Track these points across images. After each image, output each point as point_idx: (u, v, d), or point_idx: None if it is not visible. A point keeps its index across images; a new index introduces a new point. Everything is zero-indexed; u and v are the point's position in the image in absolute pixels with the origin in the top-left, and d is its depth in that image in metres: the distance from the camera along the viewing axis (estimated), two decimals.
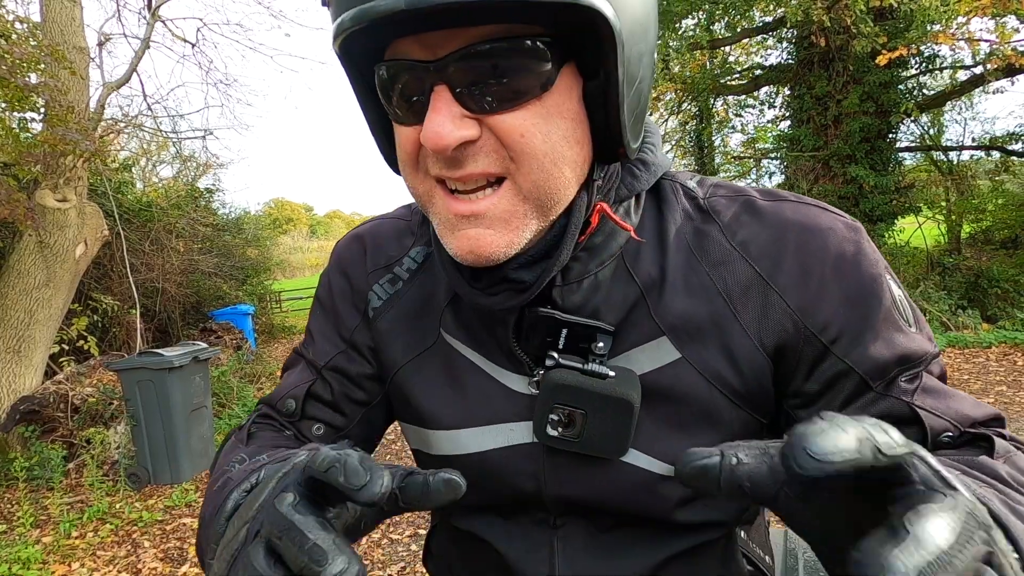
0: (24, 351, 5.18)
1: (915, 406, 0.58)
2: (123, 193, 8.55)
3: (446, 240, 0.57)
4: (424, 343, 0.72)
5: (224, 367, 6.92)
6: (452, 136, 0.50)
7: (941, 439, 0.59)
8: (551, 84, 0.52)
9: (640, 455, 0.63)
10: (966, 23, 7.35)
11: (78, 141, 4.59)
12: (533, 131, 0.52)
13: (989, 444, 0.56)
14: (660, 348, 0.63)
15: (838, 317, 0.59)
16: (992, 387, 5.64)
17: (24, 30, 4.90)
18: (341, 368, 0.76)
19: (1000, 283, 8.58)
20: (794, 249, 0.60)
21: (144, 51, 7.26)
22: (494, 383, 0.68)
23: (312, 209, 69.78)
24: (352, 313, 0.76)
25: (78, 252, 5.55)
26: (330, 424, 0.76)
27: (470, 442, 0.69)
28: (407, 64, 0.52)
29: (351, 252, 0.78)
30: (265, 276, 12.97)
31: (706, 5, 9.27)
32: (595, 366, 0.61)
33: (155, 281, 8.42)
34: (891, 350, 0.59)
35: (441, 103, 0.51)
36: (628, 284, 0.64)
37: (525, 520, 0.70)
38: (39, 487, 4.52)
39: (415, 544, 3.53)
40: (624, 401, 0.60)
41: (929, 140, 11.21)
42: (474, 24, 0.49)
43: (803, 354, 0.60)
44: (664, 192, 0.67)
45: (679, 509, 0.65)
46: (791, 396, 0.63)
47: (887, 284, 0.60)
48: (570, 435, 0.62)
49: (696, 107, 12.30)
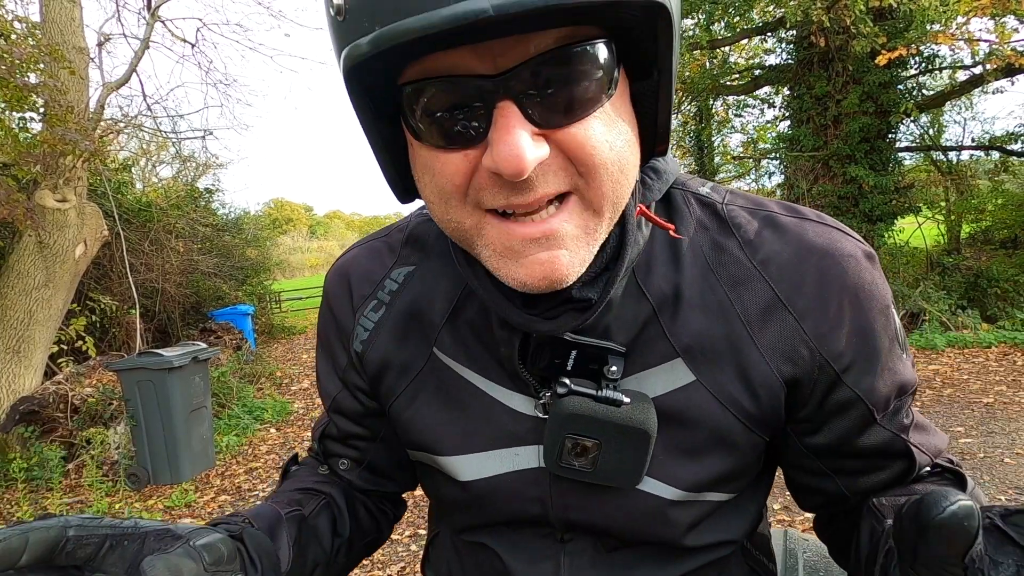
0: (24, 351, 5.18)
1: (911, 444, 0.63)
2: (123, 193, 8.55)
3: (508, 270, 0.52)
4: (416, 365, 0.69)
5: (224, 367, 6.92)
6: (532, 156, 0.45)
7: (921, 472, 0.64)
8: (615, 86, 0.49)
9: (652, 481, 0.62)
10: (966, 23, 7.35)
11: (77, 141, 4.58)
12: (602, 141, 0.48)
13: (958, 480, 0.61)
14: (674, 371, 0.60)
15: (851, 347, 0.58)
16: (992, 387, 5.64)
17: (23, 30, 4.90)
18: (342, 408, 0.77)
19: (1000, 283, 8.57)
20: (815, 274, 0.58)
21: (144, 51, 7.26)
22: (497, 405, 0.65)
23: (312, 209, 69.82)
24: (342, 353, 0.75)
25: (78, 252, 5.54)
26: (350, 458, 0.79)
27: (475, 468, 0.66)
28: (460, 80, 0.46)
29: (336, 288, 0.75)
30: (265, 276, 12.98)
31: (706, 5, 9.26)
32: (609, 392, 0.58)
33: (155, 281, 8.41)
34: (893, 380, 0.60)
35: (514, 121, 0.45)
36: (639, 301, 0.60)
37: (532, 534, 0.68)
38: (39, 487, 4.52)
39: (415, 544, 3.53)
40: (640, 431, 0.57)
41: (929, 140, 11.21)
42: (537, 29, 0.45)
43: (817, 382, 0.59)
44: (675, 202, 0.64)
45: (689, 532, 0.64)
46: (800, 421, 0.62)
47: (892, 315, 0.61)
48: (583, 465, 0.59)
49: (696, 107, 12.30)
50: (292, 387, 7.91)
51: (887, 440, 0.62)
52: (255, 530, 0.61)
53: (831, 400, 0.60)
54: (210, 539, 0.52)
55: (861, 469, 0.64)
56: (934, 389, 5.70)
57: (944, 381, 5.93)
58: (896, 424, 0.62)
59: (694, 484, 0.62)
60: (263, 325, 12.05)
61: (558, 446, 0.59)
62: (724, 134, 13.92)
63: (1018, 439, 4.40)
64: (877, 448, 0.62)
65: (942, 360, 6.67)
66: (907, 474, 0.64)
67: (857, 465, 0.64)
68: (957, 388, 5.70)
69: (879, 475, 0.64)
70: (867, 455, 0.63)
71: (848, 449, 0.62)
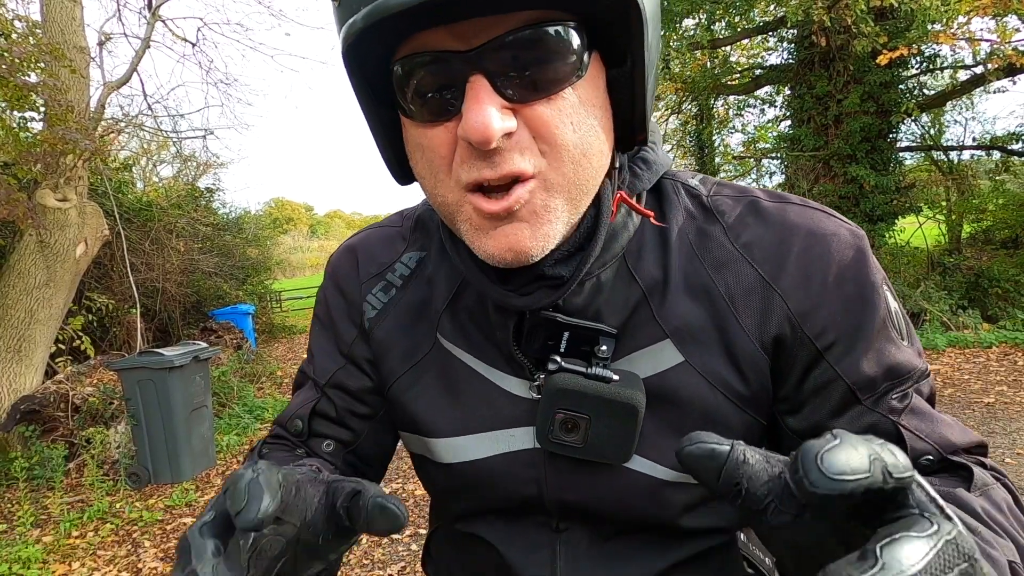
0: (24, 351, 5.18)
1: (901, 425, 0.58)
2: (123, 193, 8.55)
3: (480, 243, 0.55)
4: (420, 350, 0.71)
5: (224, 367, 6.93)
6: (498, 125, 0.48)
7: (920, 462, 0.59)
8: (584, 70, 0.51)
9: (643, 460, 0.63)
10: (967, 23, 7.34)
11: (78, 140, 4.59)
12: (566, 122, 0.51)
13: (967, 474, 0.55)
14: (663, 351, 0.62)
15: (834, 324, 0.59)
16: (992, 387, 5.64)
17: (23, 28, 4.90)
18: (342, 384, 0.76)
19: (1000, 283, 8.57)
20: (798, 253, 0.60)
21: (144, 51, 7.26)
22: (494, 388, 0.67)
23: (312, 209, 69.90)
24: (349, 327, 0.75)
25: (78, 252, 5.55)
26: (338, 439, 0.76)
27: (470, 450, 0.68)
28: (437, 55, 0.50)
29: (344, 265, 0.77)
30: (265, 276, 12.99)
31: (707, 5, 9.26)
32: (598, 370, 0.60)
33: (155, 281, 8.42)
34: (881, 363, 0.59)
35: (483, 93, 0.49)
36: (630, 285, 0.63)
37: (527, 523, 0.69)
38: (39, 487, 4.52)
39: (415, 544, 3.53)
40: (628, 405, 0.59)
41: (930, 140, 11.20)
42: (508, 11, 0.48)
43: (797, 358, 0.60)
44: (665, 191, 0.66)
45: (684, 515, 0.64)
46: (781, 400, 0.63)
47: (884, 295, 0.60)
48: (574, 440, 0.61)
49: (696, 107, 12.30)
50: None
51: (873, 423, 0.59)
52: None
53: (812, 378, 0.60)
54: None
55: None
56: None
57: (945, 381, 5.93)
58: (884, 406, 0.59)
59: None
60: (264, 324, 12.06)
61: (549, 421, 0.61)
62: (725, 134, 13.93)
63: (1019, 439, 4.40)
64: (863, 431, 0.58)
65: (943, 360, 6.67)
66: None
67: None
68: (958, 388, 5.70)
69: None
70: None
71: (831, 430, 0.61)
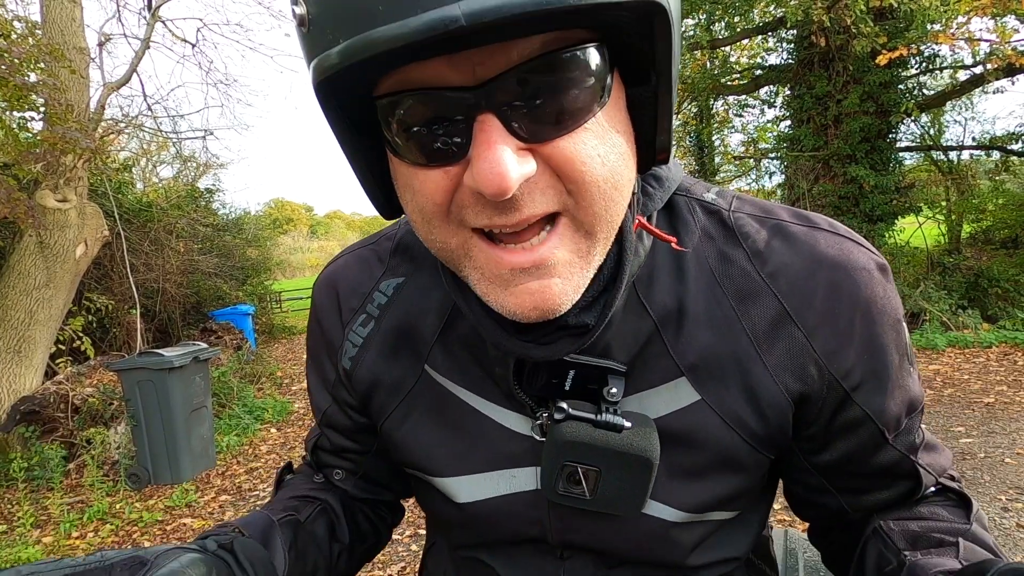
0: (24, 351, 5.18)
1: (919, 464, 0.62)
2: (123, 193, 8.55)
3: (497, 298, 0.48)
4: (407, 383, 0.67)
5: (224, 367, 6.92)
6: (516, 174, 0.41)
7: (926, 493, 0.64)
8: (608, 94, 0.45)
9: (654, 504, 0.59)
10: (966, 23, 7.34)
11: (78, 140, 4.58)
12: (593, 156, 0.44)
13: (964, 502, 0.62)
14: (678, 390, 0.58)
15: (861, 364, 0.56)
16: (992, 387, 5.64)
17: (23, 29, 4.90)
18: (332, 422, 0.75)
19: (1000, 283, 8.57)
20: (825, 288, 0.56)
21: (144, 51, 7.26)
22: (493, 425, 0.63)
23: (312, 209, 69.88)
24: (331, 367, 0.72)
25: (78, 252, 5.55)
26: (344, 469, 0.78)
27: (470, 490, 0.64)
28: (436, 93, 0.43)
29: (324, 299, 0.72)
30: (265, 276, 12.98)
31: (706, 5, 9.26)
32: (609, 416, 0.55)
33: (155, 281, 8.42)
34: (904, 398, 0.59)
35: (496, 136, 0.42)
36: (641, 317, 0.57)
37: (531, 551, 0.67)
38: (39, 487, 4.52)
39: (415, 544, 3.53)
40: (643, 459, 0.55)
41: (929, 140, 11.20)
42: (524, 36, 0.41)
43: (825, 401, 0.57)
44: (679, 211, 0.61)
45: (692, 553, 0.62)
46: (806, 440, 0.61)
47: (903, 330, 0.59)
48: (581, 493, 0.57)
49: (696, 107, 12.30)
50: (293, 387, 7.92)
51: (895, 460, 0.60)
52: (246, 538, 0.60)
53: (840, 419, 0.58)
54: (176, 564, 0.50)
55: (865, 488, 0.63)
56: (934, 389, 5.70)
57: (944, 381, 5.93)
58: (906, 444, 0.60)
59: (697, 505, 0.60)
60: (263, 325, 12.06)
61: (556, 473, 0.57)
62: (724, 134, 13.92)
63: (1019, 439, 4.40)
64: (884, 468, 0.61)
65: (943, 360, 6.67)
66: (912, 494, 0.63)
67: (862, 484, 0.63)
68: (958, 388, 5.70)
69: (883, 493, 0.63)
70: (873, 474, 0.62)
71: (854, 468, 0.61)
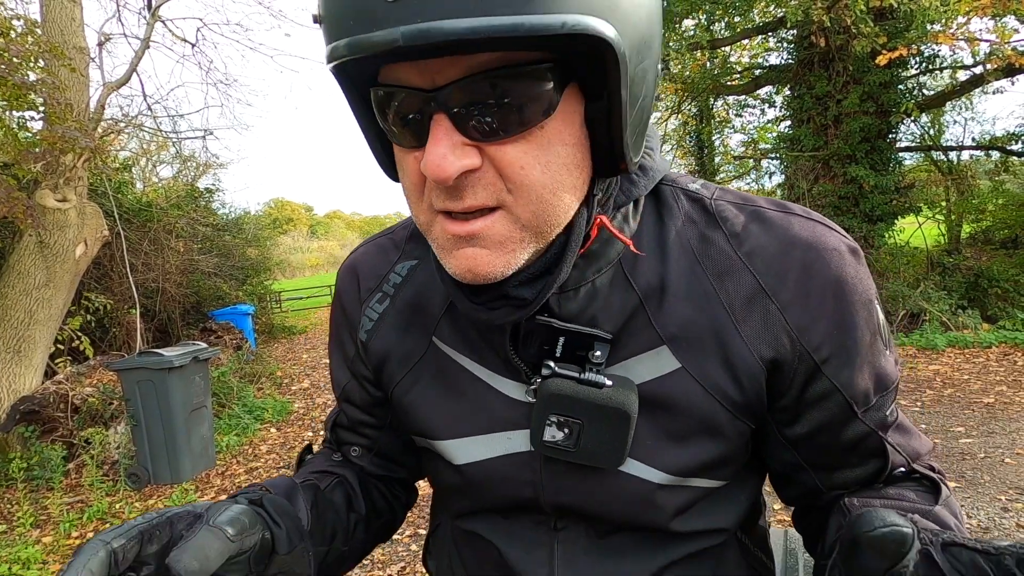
0: (24, 351, 5.18)
1: (887, 442, 0.65)
2: (123, 193, 8.55)
3: (445, 261, 0.57)
4: (416, 354, 0.73)
5: (224, 367, 6.92)
6: (454, 166, 0.49)
7: (895, 473, 0.66)
8: (553, 110, 0.50)
9: (638, 464, 0.64)
10: (966, 23, 7.34)
11: (77, 139, 4.58)
12: (533, 163, 0.51)
13: (934, 487, 0.64)
14: (659, 358, 0.62)
15: (831, 338, 0.60)
16: (992, 387, 5.64)
17: (22, 27, 4.90)
18: (350, 397, 0.82)
19: (1000, 283, 8.57)
20: (799, 266, 0.60)
21: (144, 51, 7.26)
22: (492, 391, 0.68)
23: (312, 209, 69.86)
24: (351, 343, 0.79)
25: (78, 252, 5.55)
26: (360, 445, 0.84)
27: (469, 452, 0.70)
28: (405, 91, 0.51)
29: (346, 282, 0.80)
30: (265, 276, 12.98)
31: (706, 5, 9.25)
32: (591, 375, 0.61)
33: (155, 281, 8.42)
34: (873, 374, 0.62)
35: (441, 132, 0.49)
36: (627, 292, 0.63)
37: (526, 521, 0.71)
38: (39, 487, 4.52)
39: (415, 544, 3.53)
40: (620, 411, 0.60)
41: (929, 140, 11.21)
42: (474, 52, 0.47)
43: (796, 371, 0.61)
44: (664, 197, 0.67)
45: (675, 518, 0.66)
46: (778, 411, 0.64)
47: (876, 310, 0.63)
48: (567, 444, 0.62)
49: (696, 107, 12.30)
50: (292, 387, 7.92)
51: (863, 434, 0.64)
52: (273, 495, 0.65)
53: (810, 391, 0.62)
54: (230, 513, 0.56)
55: (835, 463, 0.66)
56: (934, 389, 5.70)
57: (944, 381, 5.93)
58: (875, 420, 0.64)
59: (680, 468, 0.64)
60: (263, 325, 12.05)
61: (542, 425, 0.62)
62: (725, 134, 13.93)
63: (1018, 439, 4.40)
64: (852, 442, 0.64)
65: (942, 360, 6.67)
66: (880, 473, 0.66)
67: (831, 459, 0.66)
68: (957, 388, 5.70)
69: (853, 471, 0.66)
70: (842, 449, 0.65)
71: (823, 441, 0.65)
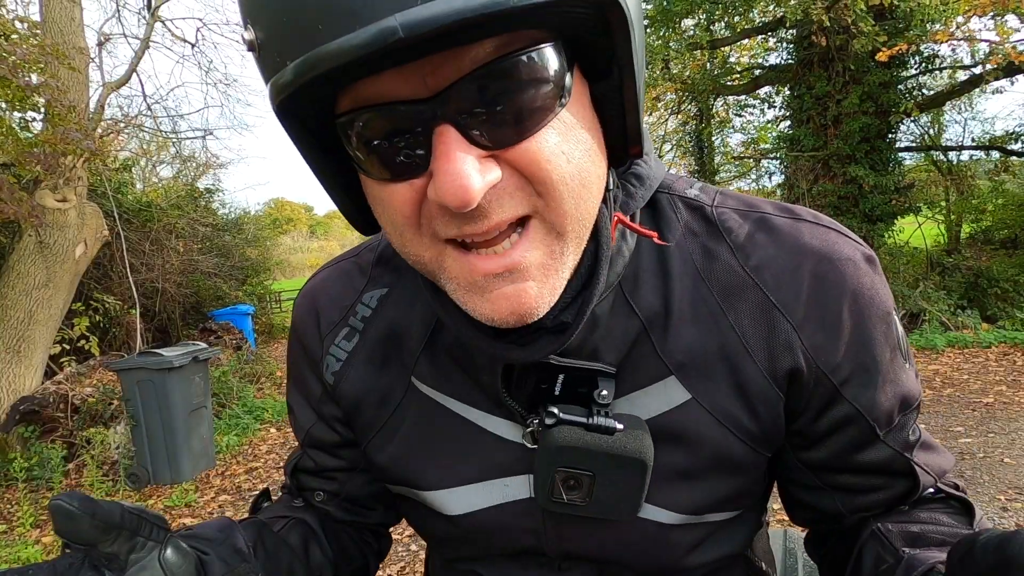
0: (24, 351, 5.18)
1: (915, 463, 0.60)
2: (123, 193, 8.55)
3: (475, 306, 0.48)
4: (394, 397, 0.66)
5: (224, 367, 6.92)
6: (479, 184, 0.41)
7: (924, 495, 0.62)
8: (569, 94, 0.45)
9: (650, 507, 0.59)
10: (965, 22, 7.34)
11: (79, 140, 4.59)
12: (558, 153, 0.44)
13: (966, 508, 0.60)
14: (667, 389, 0.57)
15: (850, 358, 0.55)
16: (992, 387, 5.64)
17: (24, 30, 4.90)
18: (317, 441, 0.73)
19: (1000, 283, 8.57)
20: (811, 280, 0.55)
21: (144, 51, 7.27)
22: (483, 433, 0.62)
23: (312, 209, 69.70)
24: (315, 382, 0.71)
25: (78, 252, 5.55)
26: (326, 491, 0.75)
27: (461, 502, 0.63)
28: (391, 108, 0.42)
29: (304, 316, 0.71)
30: (265, 276, 12.99)
31: (706, 5, 9.25)
32: (601, 419, 0.54)
33: (155, 281, 8.42)
34: (896, 393, 0.57)
35: (453, 147, 0.41)
36: (629, 317, 0.57)
37: (529, 563, 0.65)
38: (39, 487, 4.52)
39: (415, 544, 3.53)
40: (636, 460, 0.54)
41: (929, 140, 11.21)
42: (471, 42, 0.40)
43: (813, 394, 0.56)
44: (661, 208, 0.60)
45: (689, 554, 0.61)
46: (796, 435, 0.60)
47: (895, 323, 0.57)
48: (576, 499, 0.56)
49: (696, 107, 12.30)
50: None
51: (888, 458, 0.59)
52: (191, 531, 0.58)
53: (829, 415, 0.57)
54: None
55: (859, 487, 0.61)
56: (934, 389, 5.70)
57: (944, 381, 5.93)
58: (899, 441, 0.59)
59: (695, 507, 0.59)
60: (263, 325, 12.05)
61: (549, 481, 0.55)
62: (725, 134, 13.92)
63: (1018, 439, 4.40)
64: (878, 466, 0.59)
65: (942, 360, 6.67)
66: (909, 494, 0.61)
67: (855, 482, 0.61)
68: (957, 388, 5.70)
69: (878, 494, 0.61)
70: (867, 472, 0.60)
71: (846, 466, 0.60)
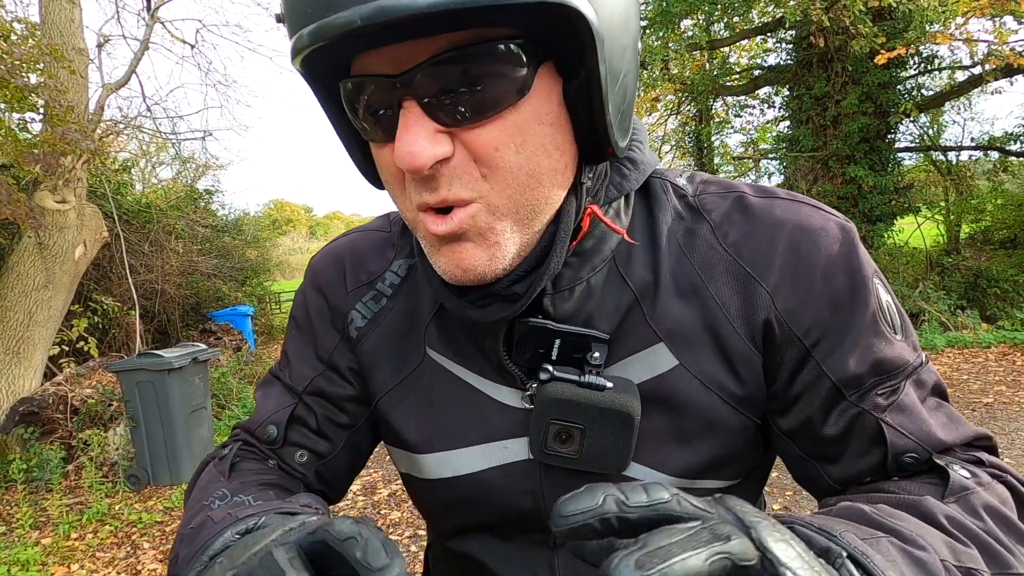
0: (23, 352, 5.18)
1: (883, 422, 0.57)
2: (122, 194, 8.55)
3: (434, 260, 0.56)
4: (410, 363, 0.69)
5: (224, 368, 6.92)
6: (426, 154, 0.47)
7: (904, 460, 0.57)
8: (528, 89, 0.49)
9: (641, 468, 0.61)
10: (964, 23, 7.35)
11: (78, 141, 4.59)
12: (508, 143, 0.49)
13: (944, 479, 0.54)
14: (657, 355, 0.61)
15: (821, 321, 0.57)
16: (991, 387, 5.64)
17: (23, 31, 4.90)
18: (321, 391, 0.72)
19: (999, 283, 8.58)
20: (785, 250, 0.58)
21: (143, 52, 7.26)
22: (485, 399, 0.65)
23: (312, 210, 69.72)
24: (330, 332, 0.73)
25: (77, 253, 5.55)
26: (313, 451, 0.73)
27: (462, 463, 0.66)
28: (372, 80, 0.49)
29: (328, 270, 0.74)
30: (264, 277, 12.98)
31: (705, 6, 9.26)
32: (592, 378, 0.58)
33: (154, 282, 8.42)
34: (868, 358, 0.57)
35: (412, 119, 0.48)
36: (621, 289, 0.61)
37: (523, 541, 0.67)
38: (38, 488, 4.51)
39: (415, 545, 3.53)
40: (624, 414, 0.58)
41: (928, 140, 11.21)
42: (441, 32, 0.46)
43: (786, 356, 0.59)
44: (654, 191, 0.65)
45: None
46: (771, 399, 0.61)
47: (875, 289, 0.58)
48: (569, 451, 0.60)
49: (696, 108, 12.31)
50: None
51: (858, 419, 0.58)
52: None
53: (800, 377, 0.59)
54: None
55: (837, 455, 0.60)
56: None
57: (944, 381, 5.94)
58: (869, 402, 0.57)
59: (686, 470, 0.61)
60: (263, 326, 12.04)
61: (543, 432, 0.59)
62: (724, 134, 13.94)
63: (1018, 439, 4.40)
64: (847, 428, 0.59)
65: (942, 360, 6.68)
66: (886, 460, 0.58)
67: (833, 450, 0.60)
68: (957, 388, 5.70)
69: (858, 462, 0.59)
70: (839, 438, 0.59)
71: (818, 430, 0.60)
